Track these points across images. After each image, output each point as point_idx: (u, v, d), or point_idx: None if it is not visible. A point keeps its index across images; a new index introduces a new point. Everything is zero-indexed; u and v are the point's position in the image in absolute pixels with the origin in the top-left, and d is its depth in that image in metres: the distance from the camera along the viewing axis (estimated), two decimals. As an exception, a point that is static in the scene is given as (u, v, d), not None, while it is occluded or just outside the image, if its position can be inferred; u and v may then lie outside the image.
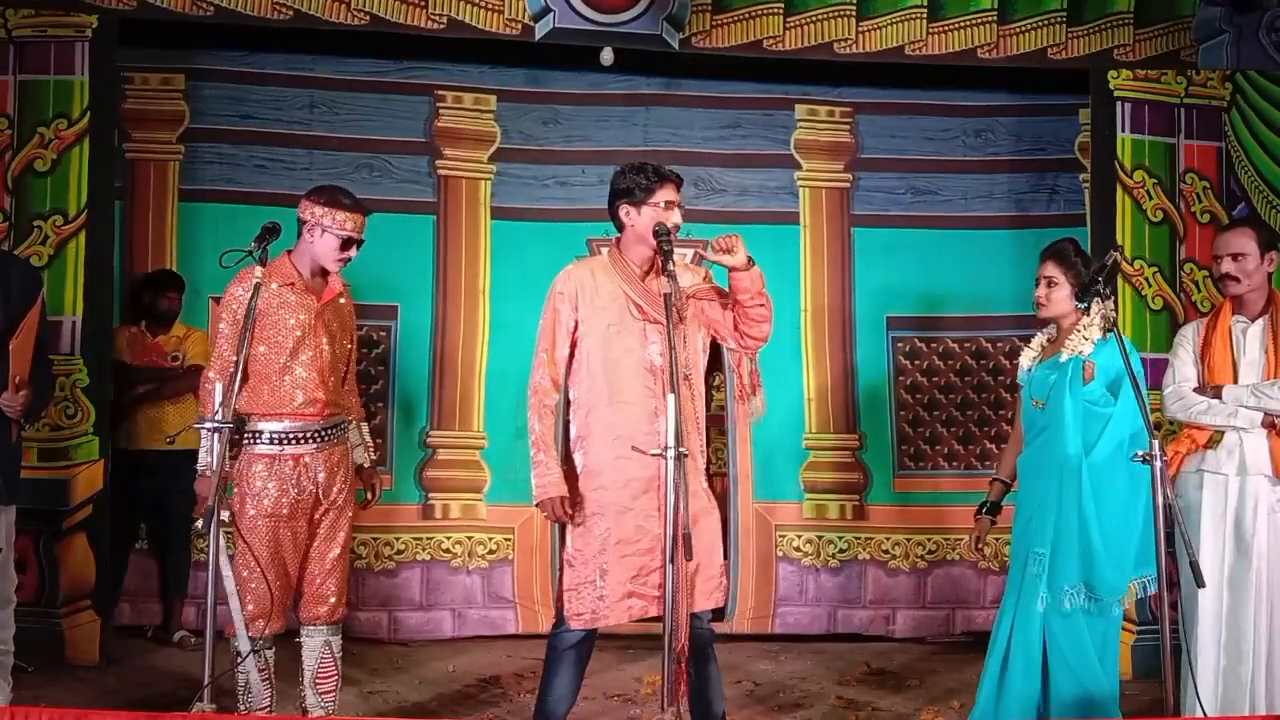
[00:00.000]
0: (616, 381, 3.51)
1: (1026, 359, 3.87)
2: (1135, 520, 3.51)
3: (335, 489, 3.81)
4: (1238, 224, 4.21)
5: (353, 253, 3.83)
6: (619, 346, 3.52)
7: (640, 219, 3.56)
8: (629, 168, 3.62)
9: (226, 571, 3.56)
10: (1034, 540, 3.65)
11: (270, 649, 3.79)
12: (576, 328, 3.58)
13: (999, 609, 3.81)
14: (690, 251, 5.75)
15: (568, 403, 3.61)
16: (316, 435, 3.78)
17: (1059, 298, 3.71)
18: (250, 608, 3.68)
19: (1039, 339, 3.89)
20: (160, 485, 5.32)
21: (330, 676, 3.88)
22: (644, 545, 3.46)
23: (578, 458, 3.58)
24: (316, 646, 3.86)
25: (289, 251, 3.85)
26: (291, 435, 3.74)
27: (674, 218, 3.53)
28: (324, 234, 3.75)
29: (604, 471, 3.50)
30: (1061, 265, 3.71)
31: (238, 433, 3.72)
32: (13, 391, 3.57)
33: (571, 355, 3.60)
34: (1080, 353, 3.61)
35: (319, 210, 3.75)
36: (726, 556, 3.67)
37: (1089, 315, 3.66)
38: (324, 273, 3.86)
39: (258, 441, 3.74)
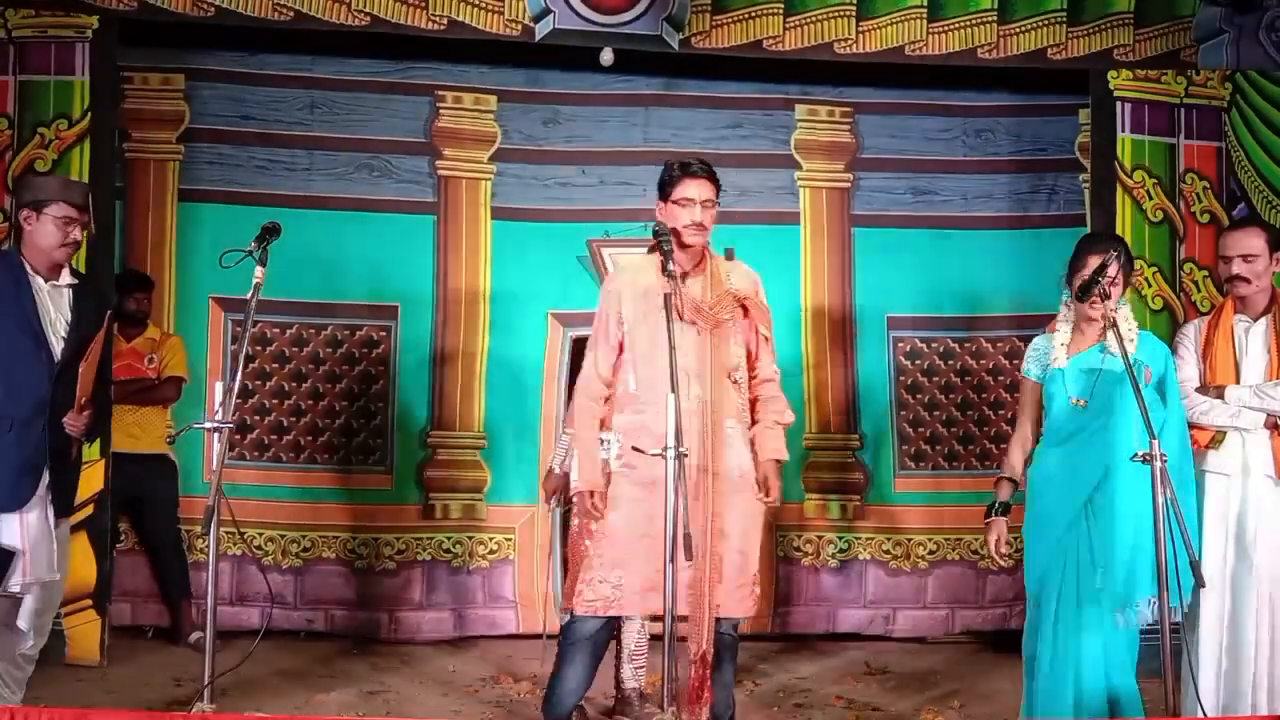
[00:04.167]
0: (652, 379, 3.51)
1: (1060, 354, 3.70)
2: (1191, 527, 3.42)
3: None
4: (1246, 224, 4.15)
5: None
6: (657, 346, 3.50)
7: (667, 215, 3.59)
8: (666, 163, 3.67)
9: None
10: (1083, 549, 3.57)
11: None
12: (621, 324, 3.61)
13: (1035, 615, 3.69)
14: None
15: (608, 398, 3.66)
16: None
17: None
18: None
19: (1062, 334, 3.74)
20: (137, 489, 5.33)
21: (644, 654, 4.45)
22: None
23: (613, 451, 3.62)
24: (635, 629, 4.37)
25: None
26: None
27: (693, 215, 3.54)
28: None
29: (635, 467, 3.51)
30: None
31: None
32: (77, 412, 3.64)
33: (620, 352, 3.63)
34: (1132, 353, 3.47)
35: None
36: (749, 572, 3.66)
37: (1119, 314, 3.53)
38: None
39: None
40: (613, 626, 3.64)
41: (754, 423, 3.70)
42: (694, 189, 3.55)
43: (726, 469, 3.56)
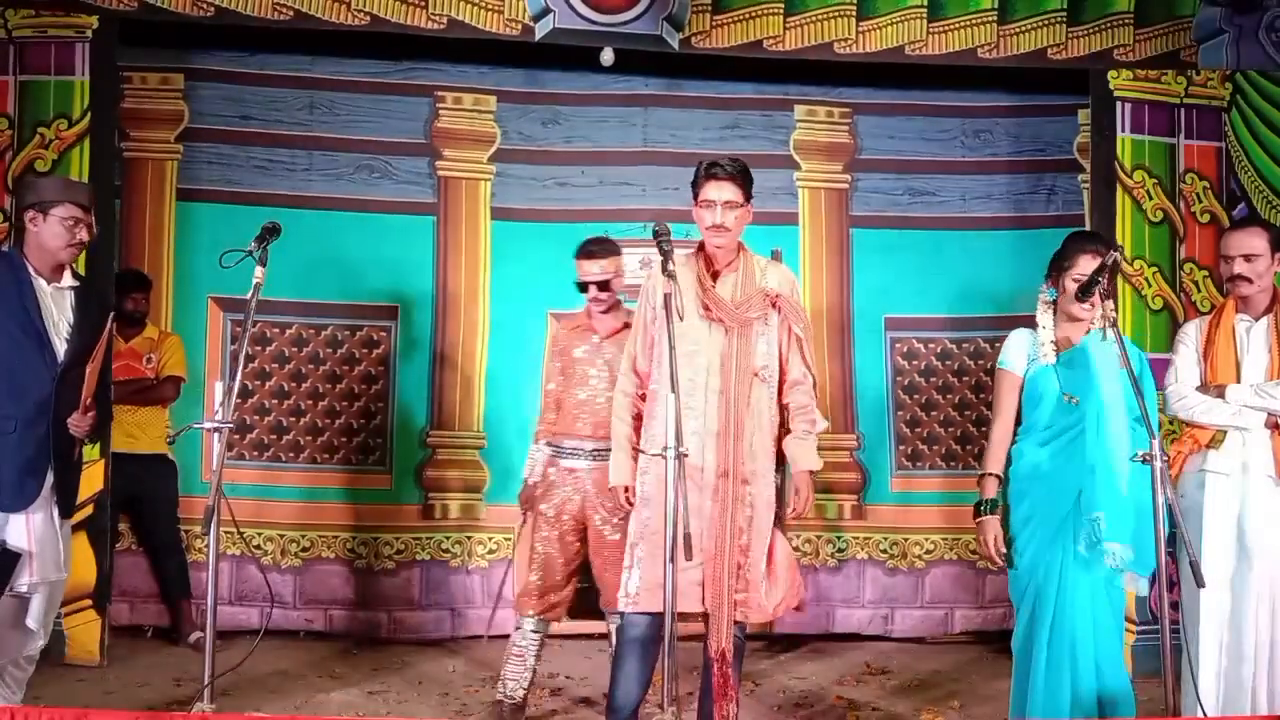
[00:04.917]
0: (678, 377, 3.51)
1: (1049, 350, 3.72)
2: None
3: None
4: (1247, 224, 4.15)
5: (591, 293, 4.37)
6: (685, 343, 3.51)
7: (696, 216, 3.62)
8: (698, 163, 3.67)
9: None
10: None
11: (536, 633, 4.31)
12: (654, 322, 3.63)
13: (1031, 615, 3.70)
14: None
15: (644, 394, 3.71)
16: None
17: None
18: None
19: (1048, 331, 3.75)
20: (136, 489, 5.32)
21: None
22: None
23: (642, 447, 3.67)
24: None
25: None
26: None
27: (714, 216, 3.55)
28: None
29: (658, 463, 3.49)
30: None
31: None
32: (82, 413, 3.65)
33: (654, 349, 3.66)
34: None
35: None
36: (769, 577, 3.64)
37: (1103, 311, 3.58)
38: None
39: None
40: (659, 625, 3.65)
41: (786, 431, 3.69)
42: (714, 191, 3.56)
43: (742, 472, 3.56)
